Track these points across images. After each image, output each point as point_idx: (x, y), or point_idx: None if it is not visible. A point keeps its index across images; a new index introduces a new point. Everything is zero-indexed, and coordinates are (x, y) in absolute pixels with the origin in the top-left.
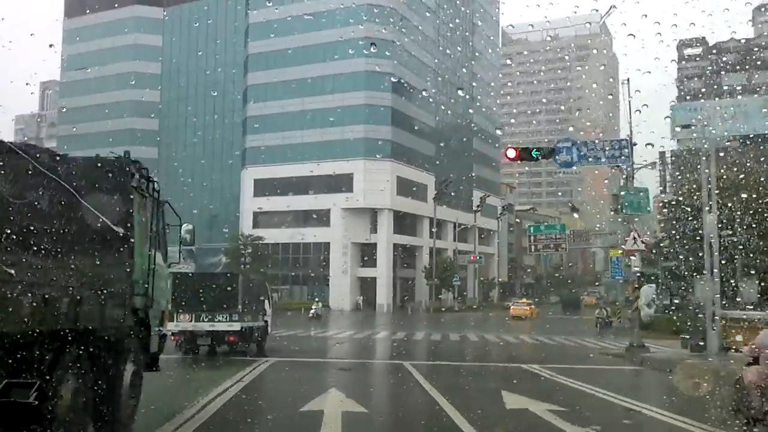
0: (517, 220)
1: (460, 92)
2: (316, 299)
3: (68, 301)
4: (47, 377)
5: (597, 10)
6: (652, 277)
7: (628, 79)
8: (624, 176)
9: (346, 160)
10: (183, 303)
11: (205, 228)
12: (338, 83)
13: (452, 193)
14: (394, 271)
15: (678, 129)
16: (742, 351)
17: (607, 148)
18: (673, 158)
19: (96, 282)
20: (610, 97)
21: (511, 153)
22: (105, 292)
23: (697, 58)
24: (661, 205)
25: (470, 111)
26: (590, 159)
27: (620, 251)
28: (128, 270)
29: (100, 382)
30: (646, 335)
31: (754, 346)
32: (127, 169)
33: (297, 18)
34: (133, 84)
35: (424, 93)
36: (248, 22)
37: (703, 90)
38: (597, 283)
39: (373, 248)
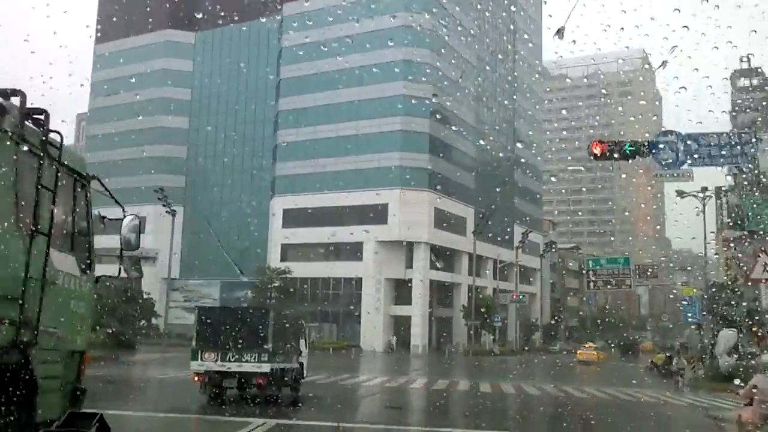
0: (560, 259)
1: (501, 120)
2: None
3: None
4: None
5: (647, 57)
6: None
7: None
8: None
9: (381, 190)
10: (208, 340)
11: (233, 261)
12: (373, 108)
13: (493, 228)
14: (430, 309)
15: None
16: (739, 393)
17: (723, 143)
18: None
19: None
20: (647, 135)
21: (597, 149)
22: None
23: (753, 90)
24: (728, 241)
25: (512, 142)
26: (703, 158)
27: (695, 290)
28: None
29: None
30: (727, 388)
31: (748, 389)
32: None
33: (331, 41)
34: (162, 110)
35: (463, 121)
36: (281, 46)
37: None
38: (643, 329)
39: (408, 285)
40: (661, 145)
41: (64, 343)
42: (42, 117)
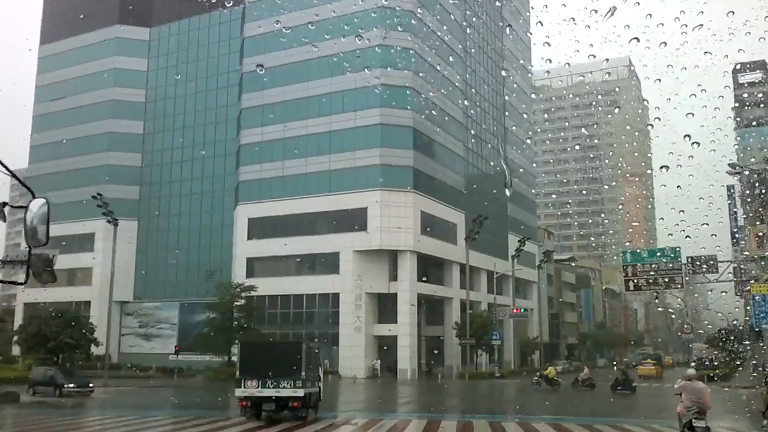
0: (555, 272)
1: (491, 117)
2: None
3: None
4: None
5: (632, 65)
6: None
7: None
8: None
9: (359, 192)
10: (249, 370)
11: (193, 280)
12: (349, 101)
13: (485, 237)
14: (419, 328)
15: None
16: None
17: None
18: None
19: None
20: (636, 144)
21: None
22: None
23: (756, 84)
24: (760, 237)
25: (503, 143)
26: None
27: None
28: None
29: None
30: None
31: (680, 387)
32: None
33: (299, 28)
34: (113, 114)
35: (450, 116)
36: (243, 37)
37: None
38: (642, 344)
39: (393, 300)
40: None
41: None
42: None
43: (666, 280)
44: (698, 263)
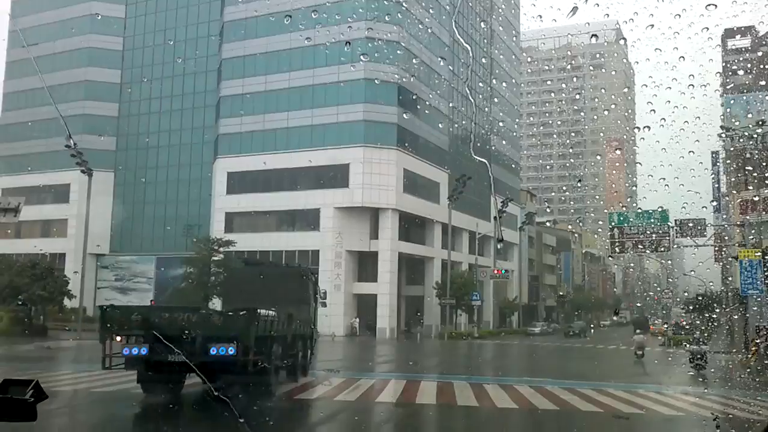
0: (536, 234)
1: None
2: None
3: (292, 325)
4: (290, 350)
5: (620, 29)
6: None
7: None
8: None
9: (341, 148)
10: None
11: (171, 234)
12: (332, 54)
13: (468, 197)
14: (399, 287)
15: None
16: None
17: None
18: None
19: (302, 319)
20: (630, 111)
21: None
22: (304, 322)
23: (745, 50)
24: (745, 203)
25: (488, 103)
26: None
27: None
28: (311, 315)
29: (306, 349)
30: None
31: (633, 339)
32: (310, 272)
33: None
34: (90, 62)
35: (436, 72)
36: None
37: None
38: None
39: (374, 258)
40: None
41: (315, 326)
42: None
43: (652, 242)
44: (687, 227)
